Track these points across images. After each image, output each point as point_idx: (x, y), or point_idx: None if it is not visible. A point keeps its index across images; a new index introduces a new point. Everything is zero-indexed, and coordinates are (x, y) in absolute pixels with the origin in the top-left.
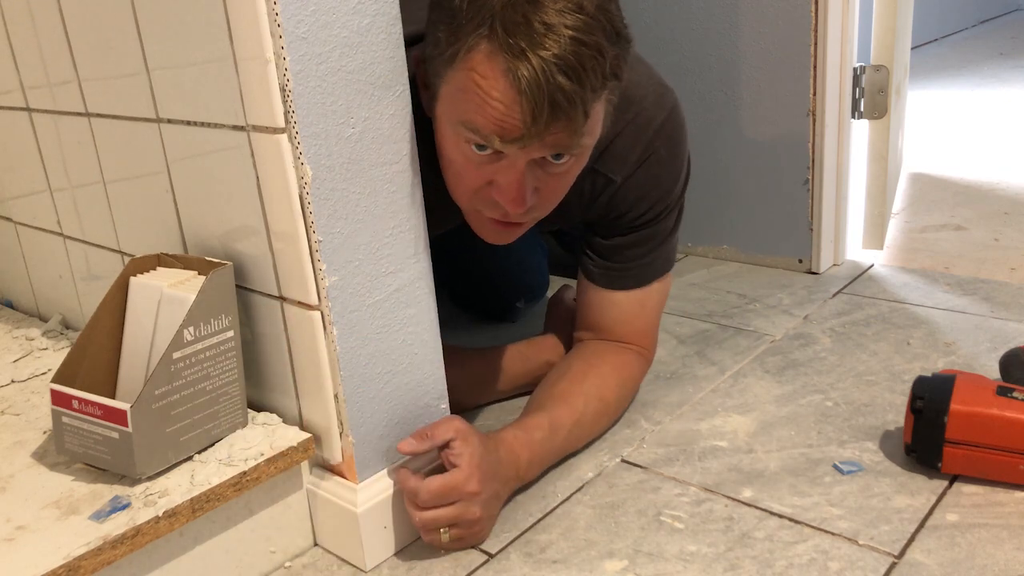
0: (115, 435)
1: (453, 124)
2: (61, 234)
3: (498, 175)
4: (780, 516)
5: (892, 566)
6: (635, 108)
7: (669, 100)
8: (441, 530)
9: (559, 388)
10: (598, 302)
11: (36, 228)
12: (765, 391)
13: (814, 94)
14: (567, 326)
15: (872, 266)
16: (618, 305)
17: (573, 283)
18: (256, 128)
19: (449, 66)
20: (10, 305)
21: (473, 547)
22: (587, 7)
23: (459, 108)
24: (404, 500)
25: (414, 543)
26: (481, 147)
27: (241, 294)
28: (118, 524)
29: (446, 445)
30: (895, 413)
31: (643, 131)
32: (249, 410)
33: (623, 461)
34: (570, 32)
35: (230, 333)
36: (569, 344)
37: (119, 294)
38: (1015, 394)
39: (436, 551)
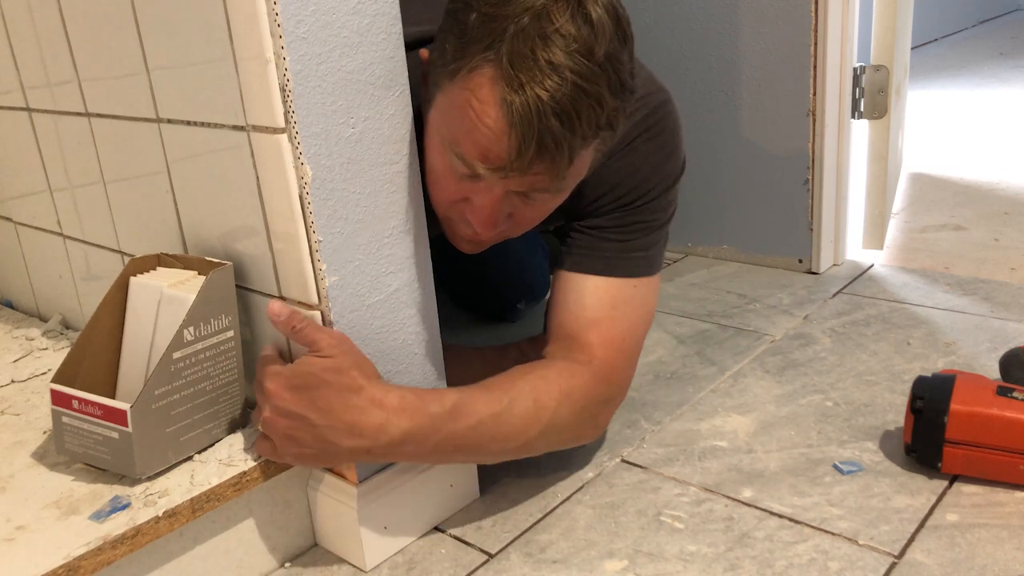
0: (115, 435)
1: (442, 134)
2: (61, 234)
3: (474, 195)
4: (780, 516)
5: (892, 566)
6: None
7: (656, 98)
8: (260, 419)
9: (489, 380)
10: (565, 294)
11: (36, 228)
12: (765, 391)
13: (814, 94)
14: None
15: (872, 266)
16: (584, 297)
17: None
18: (256, 128)
19: (450, 80)
20: (10, 305)
21: (273, 460)
22: (597, 54)
23: (450, 124)
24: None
25: (414, 543)
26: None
27: (241, 294)
28: (118, 524)
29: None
30: (895, 413)
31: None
32: (249, 410)
33: (623, 461)
34: (573, 77)
35: (230, 333)
36: None
37: (119, 294)
38: (1015, 394)
39: (436, 551)
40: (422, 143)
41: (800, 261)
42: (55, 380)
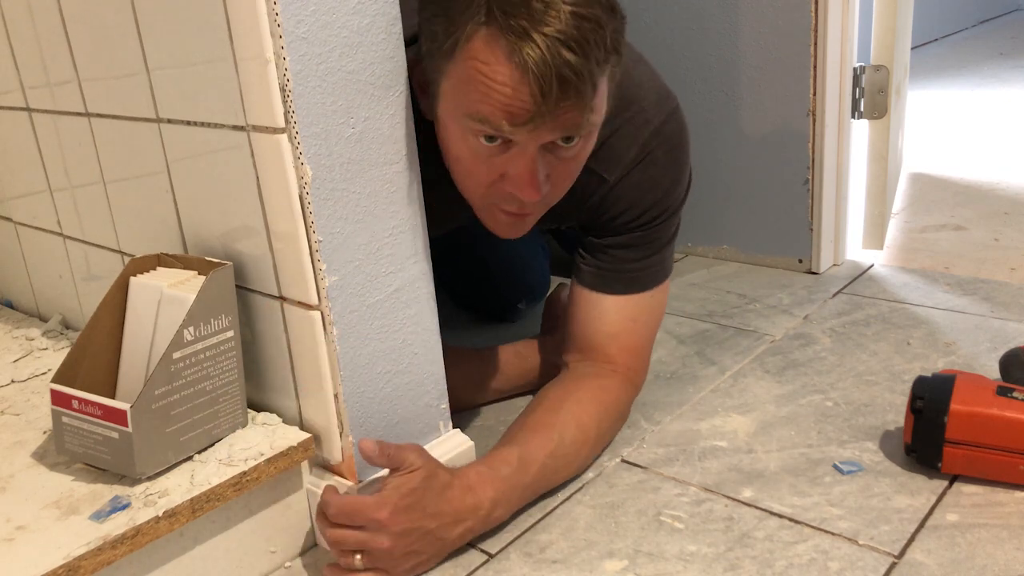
0: (115, 435)
1: (459, 119)
2: (61, 234)
3: (509, 166)
4: (780, 516)
5: (892, 566)
6: (634, 107)
7: (670, 104)
8: (356, 556)
9: (532, 419)
10: (586, 310)
11: (36, 228)
12: (765, 391)
13: (814, 94)
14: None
15: (872, 266)
16: (607, 314)
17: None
18: (256, 128)
19: (448, 59)
20: (10, 305)
21: None
22: None
23: (464, 100)
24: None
25: None
26: (490, 139)
27: (241, 294)
28: (118, 524)
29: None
30: (895, 413)
31: (640, 131)
32: (249, 410)
33: (623, 461)
34: (569, 7)
35: (230, 333)
36: None
37: (119, 294)
38: (1015, 394)
39: None
40: (430, 149)
41: (800, 261)
42: (55, 380)
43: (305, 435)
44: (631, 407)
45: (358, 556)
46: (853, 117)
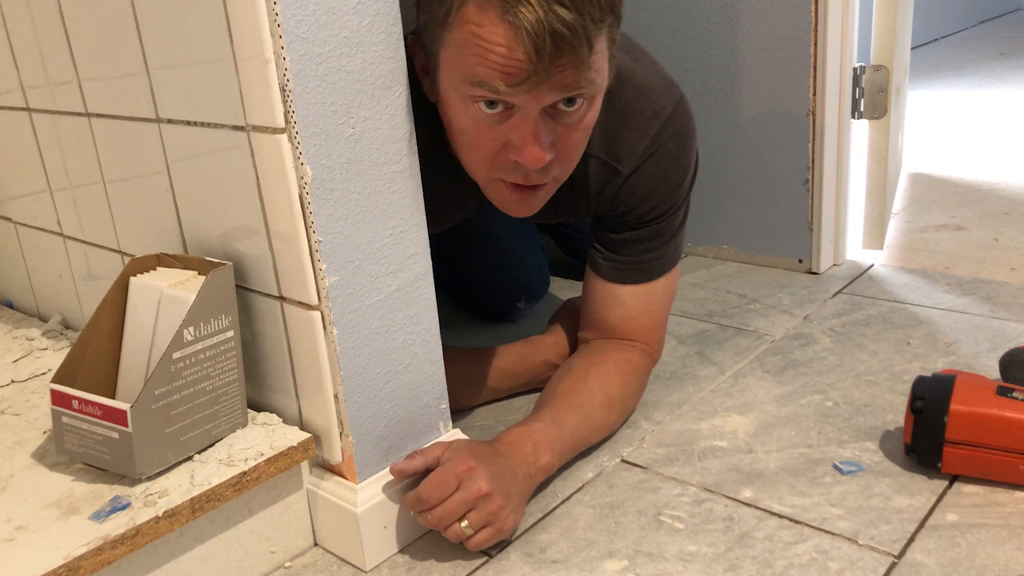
0: (115, 435)
1: (458, 87)
2: (61, 234)
3: (512, 133)
4: (780, 516)
5: (892, 566)
6: (643, 99)
7: (676, 93)
8: (462, 524)
9: (560, 388)
10: (604, 298)
11: (36, 228)
12: (765, 391)
13: (814, 94)
14: (572, 327)
15: (872, 266)
16: (624, 301)
17: (578, 287)
18: (256, 128)
19: (444, 27)
20: (10, 305)
21: (503, 537)
22: None
23: (461, 65)
24: (415, 516)
25: (414, 543)
26: (491, 105)
27: (241, 294)
28: (118, 524)
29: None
30: (895, 413)
31: (651, 122)
32: (249, 410)
33: (623, 461)
34: None
35: (230, 333)
36: (571, 345)
37: (119, 294)
38: (1015, 394)
39: (437, 551)
40: (432, 141)
41: (800, 261)
42: (55, 380)
43: (305, 435)
44: (648, 376)
45: (465, 522)
46: (853, 117)
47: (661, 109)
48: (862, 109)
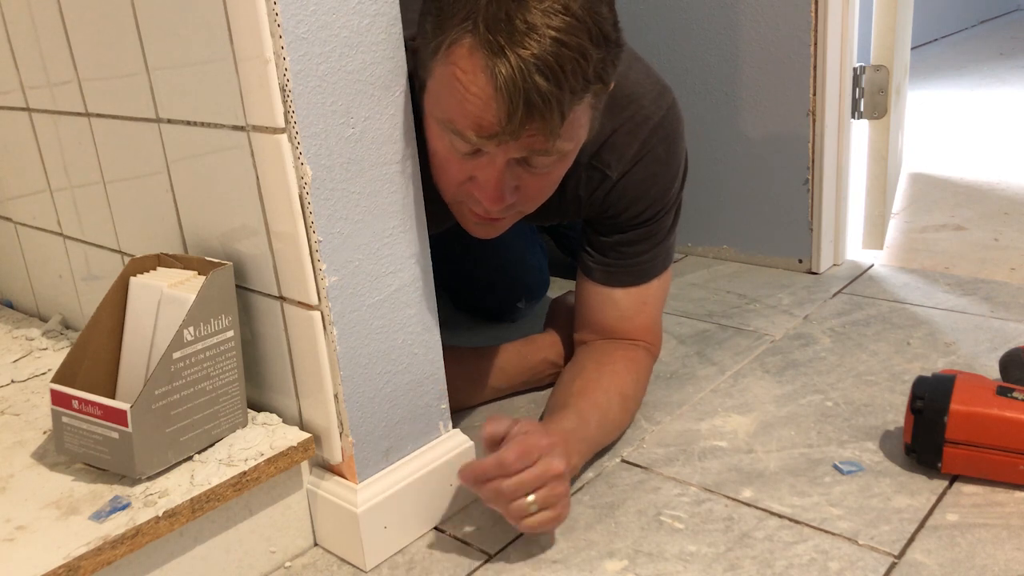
0: (115, 435)
1: (436, 117)
2: (61, 234)
3: (478, 171)
4: (780, 516)
5: (892, 566)
6: (633, 105)
7: (667, 98)
8: (528, 499)
9: (577, 386)
10: (598, 301)
11: (36, 228)
12: (765, 391)
13: (814, 94)
14: (567, 327)
15: (872, 266)
16: (618, 303)
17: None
18: (256, 128)
19: (433, 59)
20: (10, 305)
21: (558, 524)
22: (573, 8)
23: (442, 102)
24: (476, 487)
25: (414, 543)
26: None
27: (241, 294)
28: (118, 524)
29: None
30: (895, 413)
31: (640, 127)
32: (249, 410)
33: (623, 461)
34: (552, 33)
35: (230, 333)
36: (568, 343)
37: (119, 294)
38: (1015, 394)
39: (437, 551)
40: (422, 134)
41: (800, 261)
42: (55, 380)
43: (305, 435)
44: (651, 372)
45: (531, 498)
46: (853, 117)
47: (651, 115)
48: (862, 109)
